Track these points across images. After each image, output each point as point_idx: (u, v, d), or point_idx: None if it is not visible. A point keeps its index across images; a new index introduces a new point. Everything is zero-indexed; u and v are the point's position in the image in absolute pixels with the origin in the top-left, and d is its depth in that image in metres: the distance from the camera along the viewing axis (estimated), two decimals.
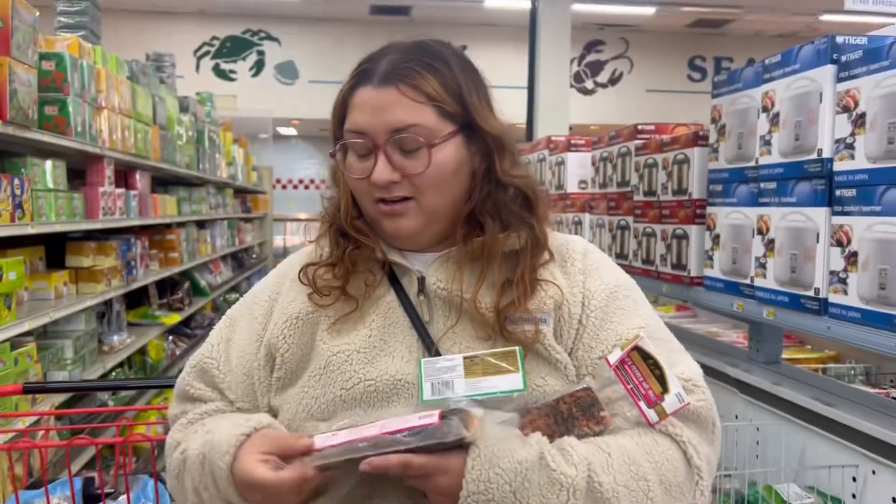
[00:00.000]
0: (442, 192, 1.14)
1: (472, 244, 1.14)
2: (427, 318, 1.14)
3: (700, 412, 1.09)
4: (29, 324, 2.73)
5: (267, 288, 1.26)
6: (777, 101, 2.17)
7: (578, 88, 13.24)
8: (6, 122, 2.54)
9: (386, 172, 1.10)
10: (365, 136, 1.11)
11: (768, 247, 2.21)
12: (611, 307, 1.16)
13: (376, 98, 1.10)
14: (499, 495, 0.95)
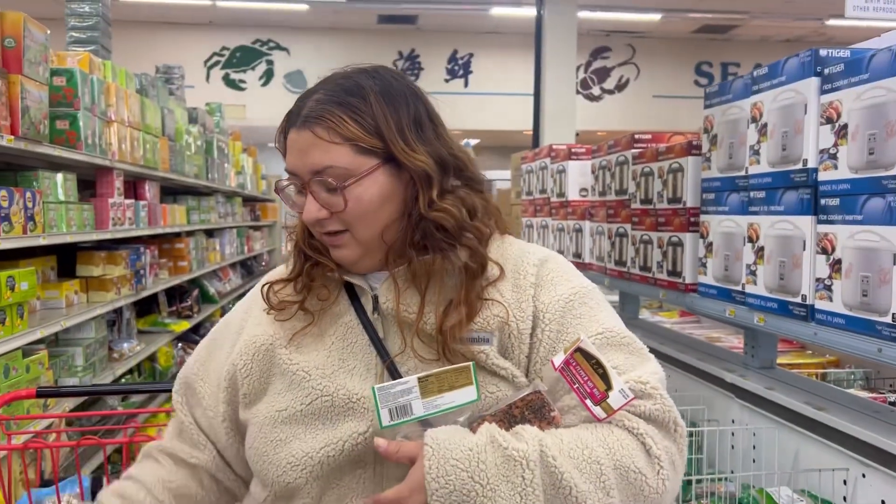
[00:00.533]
0: (370, 225, 1.17)
1: (413, 266, 1.17)
2: (382, 334, 1.19)
3: (655, 415, 1.10)
4: (41, 332, 2.81)
5: (241, 310, 1.34)
6: (765, 111, 2.22)
7: (585, 95, 13.29)
8: (18, 138, 2.62)
9: (313, 211, 1.16)
10: (295, 177, 1.18)
11: (758, 254, 2.25)
12: (566, 318, 1.17)
13: (298, 141, 1.16)
14: (458, 483, 0.99)
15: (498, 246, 1.24)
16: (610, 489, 1.02)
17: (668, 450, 1.09)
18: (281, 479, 1.15)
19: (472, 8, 11.45)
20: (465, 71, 13.16)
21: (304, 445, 1.15)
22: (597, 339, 1.14)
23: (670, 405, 1.12)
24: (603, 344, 1.15)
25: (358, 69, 1.21)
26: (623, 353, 1.16)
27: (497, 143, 14.11)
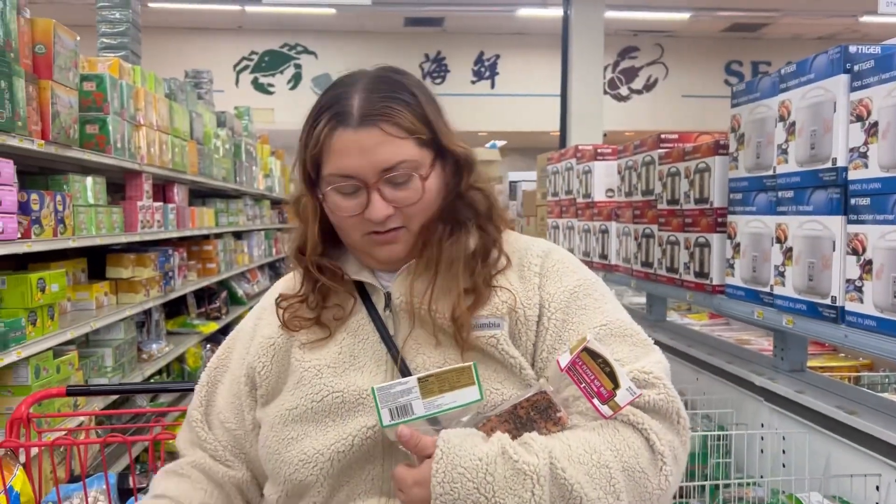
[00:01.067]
0: (427, 216, 1.20)
1: (426, 255, 1.19)
2: (393, 331, 1.20)
3: (659, 405, 1.10)
4: (71, 333, 2.86)
5: (252, 318, 1.35)
6: (793, 110, 2.18)
7: (613, 95, 13.21)
8: (49, 142, 2.67)
9: (383, 209, 1.14)
10: (353, 179, 1.14)
11: (786, 255, 2.22)
12: (571, 308, 1.19)
13: (359, 140, 1.13)
14: (463, 492, 0.98)
15: (504, 239, 1.26)
16: (620, 493, 1.02)
17: (671, 444, 1.09)
18: (293, 476, 1.16)
19: (498, 9, 11.43)
20: (492, 72, 13.15)
21: (315, 443, 1.15)
22: (601, 330, 1.16)
23: (674, 395, 1.12)
24: (607, 335, 1.15)
25: (381, 70, 1.22)
26: (627, 344, 1.16)
27: (524, 144, 14.07)
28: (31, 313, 2.62)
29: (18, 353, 2.46)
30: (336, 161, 1.14)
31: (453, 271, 1.17)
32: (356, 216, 1.16)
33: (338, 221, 1.20)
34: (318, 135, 1.16)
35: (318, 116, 1.17)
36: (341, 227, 1.20)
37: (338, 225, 1.20)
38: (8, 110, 2.36)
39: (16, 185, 2.51)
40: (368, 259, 1.23)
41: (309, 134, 1.18)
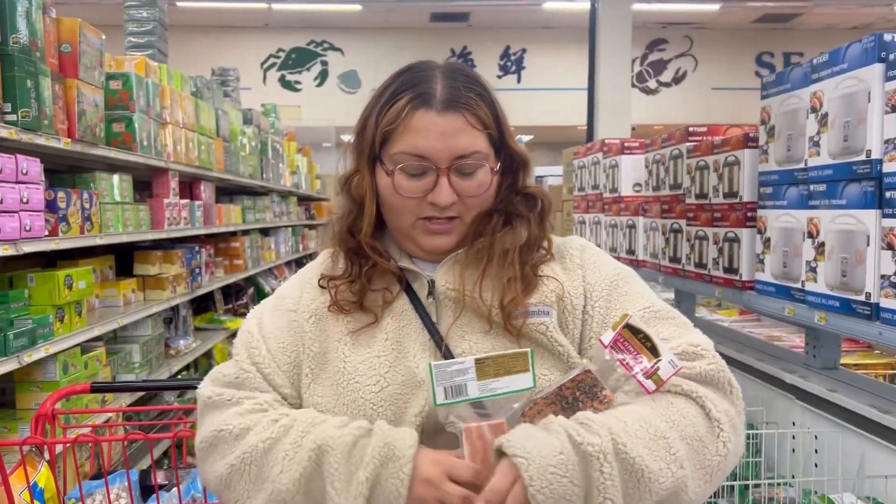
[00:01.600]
0: (481, 208, 1.21)
1: (476, 245, 1.20)
2: (436, 318, 1.20)
3: (711, 374, 1.11)
4: (98, 329, 2.89)
5: (292, 287, 1.31)
6: (825, 101, 2.12)
7: (641, 88, 13.06)
8: (75, 141, 2.69)
9: (449, 195, 1.15)
10: (425, 160, 1.15)
11: (818, 250, 2.16)
12: (613, 295, 1.21)
13: (440, 124, 1.14)
14: (560, 490, 0.99)
15: None
16: (682, 461, 1.03)
17: (727, 412, 1.10)
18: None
19: (524, 3, 11.36)
20: (518, 67, 13.08)
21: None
22: (645, 313, 1.18)
23: (723, 365, 1.14)
24: (651, 317, 1.18)
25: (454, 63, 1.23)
26: (670, 324, 1.19)
27: (550, 139, 13.98)
28: (59, 310, 2.64)
29: (46, 350, 2.49)
30: (411, 140, 1.15)
31: (504, 260, 1.19)
32: (417, 198, 1.17)
33: (395, 202, 1.19)
34: (397, 111, 1.16)
35: (398, 94, 1.17)
36: (396, 209, 1.19)
37: (393, 206, 1.20)
38: (34, 109, 2.38)
39: (43, 183, 2.54)
40: (412, 247, 1.23)
41: (383, 109, 1.18)
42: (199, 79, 4.72)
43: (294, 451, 1.08)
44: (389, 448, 1.04)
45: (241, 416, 1.15)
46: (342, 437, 1.07)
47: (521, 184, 1.25)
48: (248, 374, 1.21)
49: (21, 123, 2.33)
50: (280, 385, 1.21)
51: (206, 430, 1.17)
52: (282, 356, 1.22)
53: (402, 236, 1.23)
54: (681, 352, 1.12)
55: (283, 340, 1.23)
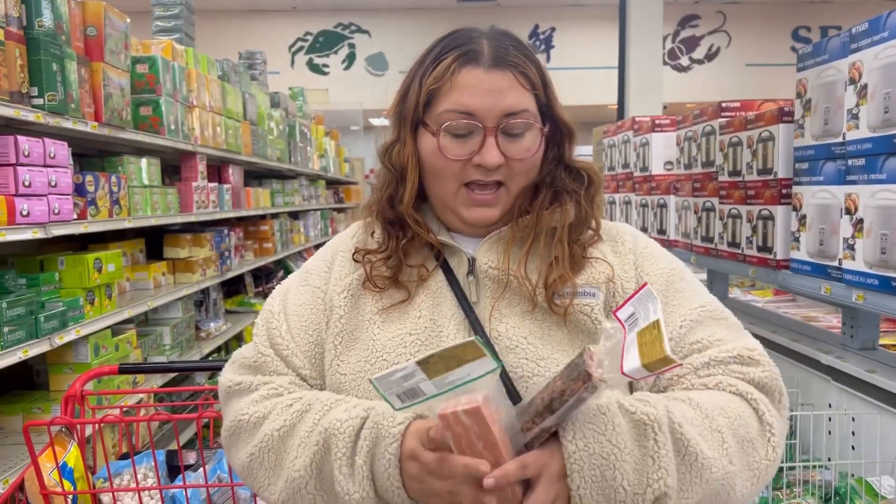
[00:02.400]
0: (527, 178, 1.16)
1: (521, 222, 1.16)
2: (475, 298, 1.15)
3: (765, 381, 1.10)
4: (128, 312, 2.92)
5: (322, 260, 1.27)
6: (865, 71, 2.04)
7: (673, 66, 12.83)
8: (102, 124, 2.70)
9: (497, 156, 1.10)
10: (472, 118, 1.10)
11: (857, 227, 2.09)
12: (669, 291, 1.16)
13: (488, 80, 1.10)
14: (597, 447, 0.96)
15: None
16: (732, 457, 1.02)
17: (776, 417, 1.09)
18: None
19: None
20: (547, 46, 12.92)
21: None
22: (700, 312, 1.14)
23: (777, 373, 1.12)
24: (705, 317, 1.14)
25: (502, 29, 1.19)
26: (723, 326, 1.15)
27: (581, 118, 13.68)
28: (89, 293, 2.67)
29: (77, 332, 2.52)
30: (458, 96, 1.10)
31: (552, 239, 1.14)
32: (462, 161, 1.12)
33: (439, 166, 1.14)
34: (443, 69, 1.11)
35: (443, 54, 1.13)
36: (440, 173, 1.14)
37: (437, 171, 1.14)
38: (60, 93, 2.39)
39: (71, 166, 2.55)
40: (454, 220, 1.18)
41: (427, 70, 1.14)
42: (226, 62, 4.72)
43: (307, 438, 1.06)
44: (377, 428, 1.02)
45: (256, 404, 1.14)
46: (349, 421, 1.04)
47: (568, 156, 1.20)
48: (265, 357, 1.19)
49: (48, 107, 2.34)
50: (299, 366, 1.19)
51: (228, 420, 1.18)
52: (303, 336, 1.20)
53: (444, 207, 1.18)
54: (736, 355, 1.10)
55: (306, 319, 1.20)
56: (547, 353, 1.10)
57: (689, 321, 1.13)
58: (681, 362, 0.93)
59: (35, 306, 2.32)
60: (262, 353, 1.20)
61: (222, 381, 1.22)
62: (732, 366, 1.10)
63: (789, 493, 2.12)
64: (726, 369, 1.10)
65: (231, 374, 1.22)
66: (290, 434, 1.08)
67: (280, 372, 1.19)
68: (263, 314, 1.25)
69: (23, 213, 2.20)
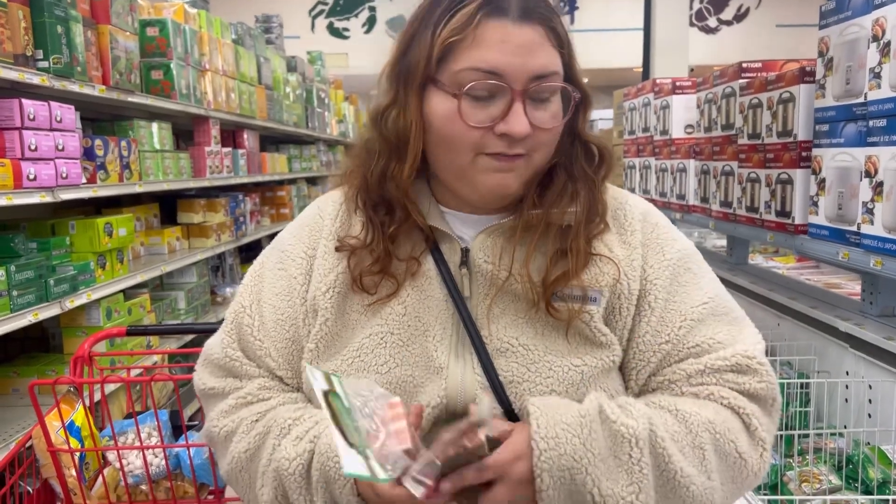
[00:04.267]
0: (550, 150, 1.03)
1: (527, 215, 1.02)
2: (467, 292, 1.04)
3: (760, 392, 1.04)
4: (141, 276, 2.93)
5: (301, 243, 1.12)
6: (888, 28, 1.95)
7: (700, 27, 12.54)
8: (110, 88, 2.69)
9: (525, 124, 0.95)
10: (499, 78, 0.94)
11: (876, 190, 2.02)
12: (674, 286, 1.07)
13: (518, 35, 0.94)
14: (569, 448, 0.91)
15: None
16: (711, 472, 0.98)
17: (768, 429, 1.04)
18: None
19: None
20: (571, 7, 12.66)
21: None
22: (702, 309, 1.06)
23: (773, 382, 1.06)
24: (707, 314, 1.06)
25: None
26: (724, 323, 1.07)
27: (606, 82, 13.55)
28: (101, 257, 2.68)
29: (88, 296, 2.54)
30: (483, 53, 0.94)
31: (560, 238, 1.03)
32: (483, 129, 0.96)
33: (455, 134, 0.97)
34: (464, 18, 0.95)
35: (461, 1, 0.96)
36: (453, 143, 0.98)
37: (450, 140, 0.98)
38: (66, 55, 2.37)
39: (79, 130, 2.55)
40: (466, 191, 1.03)
41: (441, 19, 0.97)
42: (240, 25, 4.67)
43: (265, 472, 1.03)
44: (324, 470, 0.96)
45: (225, 416, 1.09)
46: (297, 460, 0.99)
47: (581, 127, 1.05)
48: (234, 361, 1.11)
49: (53, 70, 2.32)
50: (273, 367, 1.10)
51: (205, 425, 1.14)
52: (278, 332, 1.09)
53: (454, 178, 1.03)
54: (734, 363, 1.03)
55: (282, 311, 1.09)
56: (538, 356, 1.01)
57: (690, 321, 1.05)
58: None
59: (45, 270, 2.34)
60: (230, 356, 1.11)
61: (196, 380, 1.16)
62: (727, 375, 1.03)
63: (801, 460, 2.09)
64: (720, 378, 1.03)
65: (203, 373, 1.16)
66: (256, 457, 1.05)
67: (250, 375, 1.10)
68: (234, 307, 1.14)
69: (30, 177, 2.20)
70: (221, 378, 1.13)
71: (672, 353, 1.04)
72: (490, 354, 1.01)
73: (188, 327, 2.40)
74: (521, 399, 1.00)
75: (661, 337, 1.04)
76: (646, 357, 1.05)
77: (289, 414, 1.04)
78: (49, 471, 1.55)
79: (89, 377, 1.81)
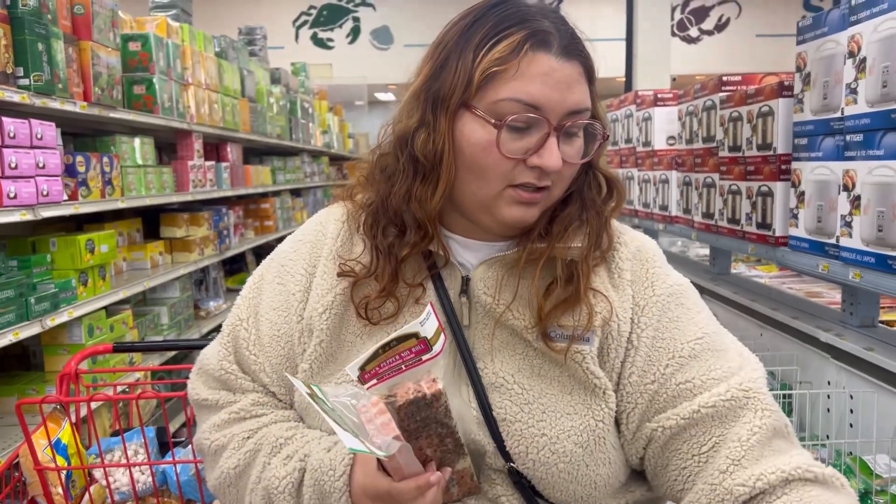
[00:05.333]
0: (567, 183, 1.03)
1: (532, 248, 1.02)
2: (466, 321, 1.04)
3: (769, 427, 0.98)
4: (123, 292, 2.91)
5: (301, 259, 1.12)
6: (864, 44, 1.98)
7: (682, 37, 12.65)
8: (92, 104, 2.68)
9: (559, 158, 0.96)
10: (538, 112, 0.95)
11: (854, 204, 2.04)
12: (663, 321, 1.04)
13: (559, 71, 0.95)
14: None
15: None
16: None
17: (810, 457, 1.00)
18: None
19: None
20: None
21: None
22: (696, 345, 1.03)
23: (774, 408, 1.01)
24: (701, 350, 1.03)
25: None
26: (721, 359, 1.03)
27: None
28: (82, 274, 2.66)
29: (70, 314, 2.52)
30: (526, 86, 0.94)
31: (559, 267, 1.02)
32: (516, 160, 0.96)
33: (488, 163, 0.97)
34: (510, 48, 0.95)
35: (504, 29, 0.96)
36: (486, 171, 0.97)
37: (481, 168, 0.97)
38: (47, 73, 2.36)
39: (60, 147, 2.53)
40: (487, 220, 1.02)
41: (482, 44, 0.96)
42: (224, 38, 4.67)
43: (254, 491, 1.03)
44: (319, 485, 0.97)
45: (217, 430, 1.09)
46: (287, 479, 1.00)
47: (597, 160, 1.05)
48: (229, 374, 1.11)
49: (34, 87, 2.31)
50: (267, 382, 1.11)
51: (196, 436, 1.14)
52: (274, 347, 1.10)
53: (477, 206, 1.01)
54: (730, 397, 0.98)
55: (279, 327, 1.09)
56: (533, 397, 1.01)
57: (680, 357, 1.02)
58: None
59: (25, 288, 2.32)
60: (225, 368, 1.12)
61: (190, 389, 1.16)
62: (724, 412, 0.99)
63: None
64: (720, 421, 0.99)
65: (197, 383, 1.16)
66: (245, 474, 1.05)
67: (245, 389, 1.11)
68: (231, 318, 1.15)
69: (10, 195, 2.18)
70: (215, 390, 1.13)
71: (659, 392, 1.01)
72: (485, 388, 1.01)
73: (172, 344, 2.38)
74: (512, 438, 1.00)
75: (647, 377, 1.02)
76: (633, 399, 1.02)
77: (280, 433, 1.05)
78: (36, 489, 1.54)
79: (76, 395, 1.79)
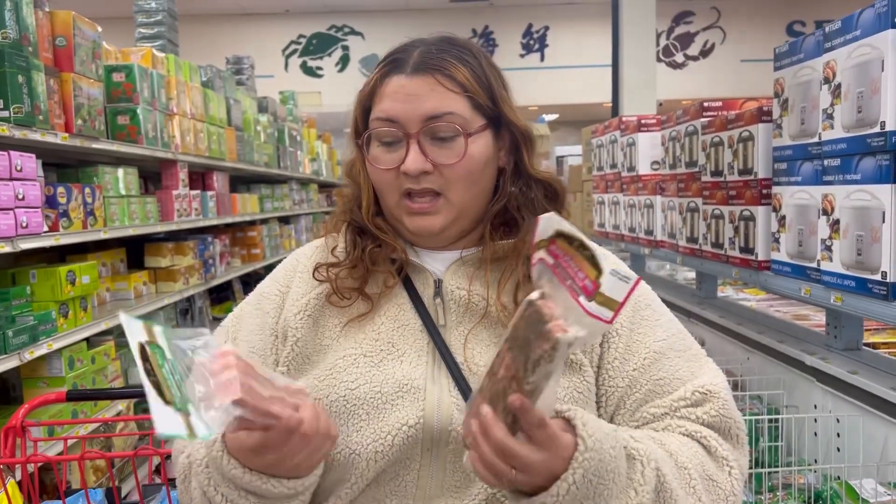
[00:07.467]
0: (469, 187, 1.11)
1: (498, 245, 1.12)
2: (441, 321, 1.12)
3: (714, 422, 1.09)
4: (105, 324, 2.88)
5: (276, 283, 1.21)
6: (839, 71, 2.00)
7: (668, 63, 12.80)
8: (74, 135, 2.67)
9: (419, 161, 1.07)
10: (395, 125, 1.09)
11: (833, 228, 2.05)
12: (635, 319, 1.14)
13: (410, 86, 1.08)
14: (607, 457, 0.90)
15: None
16: (700, 495, 1.01)
17: (732, 452, 1.08)
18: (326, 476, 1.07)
19: None
20: (541, 45, 12.87)
21: (351, 441, 1.06)
22: (663, 343, 1.12)
23: (730, 409, 1.10)
24: (668, 348, 1.12)
25: (448, 34, 1.18)
26: (683, 359, 1.13)
27: (576, 117, 13.77)
28: (63, 305, 2.64)
29: (49, 346, 2.49)
30: (382, 105, 1.10)
31: (525, 262, 1.09)
32: (393, 171, 1.10)
33: (376, 177, 1.13)
34: (373, 80, 1.13)
35: (378, 68, 1.14)
36: (379, 185, 1.13)
37: (376, 183, 1.14)
38: (27, 105, 2.36)
39: (41, 178, 2.52)
40: (405, 232, 1.15)
41: (365, 84, 1.15)
42: (210, 68, 4.69)
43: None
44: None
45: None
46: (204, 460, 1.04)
47: (527, 164, 1.15)
48: None
49: (14, 119, 2.31)
50: None
51: (175, 445, 1.15)
52: None
53: (394, 220, 1.16)
54: (693, 400, 1.09)
55: (254, 345, 1.16)
56: None
57: (654, 352, 1.11)
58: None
59: (3, 321, 2.29)
60: None
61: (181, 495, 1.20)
62: (683, 410, 1.09)
63: (772, 496, 2.09)
64: (679, 414, 1.09)
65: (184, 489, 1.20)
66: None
67: None
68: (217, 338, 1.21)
69: None
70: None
71: (639, 380, 1.09)
72: (465, 377, 1.07)
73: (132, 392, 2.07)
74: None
75: (629, 364, 1.10)
76: (615, 382, 1.10)
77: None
78: None
79: (22, 449, 1.66)
